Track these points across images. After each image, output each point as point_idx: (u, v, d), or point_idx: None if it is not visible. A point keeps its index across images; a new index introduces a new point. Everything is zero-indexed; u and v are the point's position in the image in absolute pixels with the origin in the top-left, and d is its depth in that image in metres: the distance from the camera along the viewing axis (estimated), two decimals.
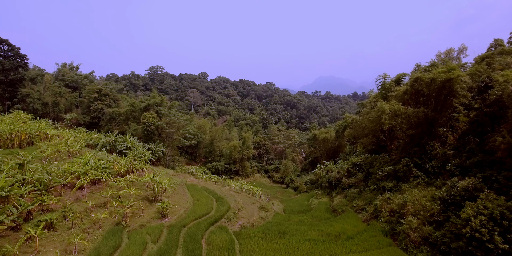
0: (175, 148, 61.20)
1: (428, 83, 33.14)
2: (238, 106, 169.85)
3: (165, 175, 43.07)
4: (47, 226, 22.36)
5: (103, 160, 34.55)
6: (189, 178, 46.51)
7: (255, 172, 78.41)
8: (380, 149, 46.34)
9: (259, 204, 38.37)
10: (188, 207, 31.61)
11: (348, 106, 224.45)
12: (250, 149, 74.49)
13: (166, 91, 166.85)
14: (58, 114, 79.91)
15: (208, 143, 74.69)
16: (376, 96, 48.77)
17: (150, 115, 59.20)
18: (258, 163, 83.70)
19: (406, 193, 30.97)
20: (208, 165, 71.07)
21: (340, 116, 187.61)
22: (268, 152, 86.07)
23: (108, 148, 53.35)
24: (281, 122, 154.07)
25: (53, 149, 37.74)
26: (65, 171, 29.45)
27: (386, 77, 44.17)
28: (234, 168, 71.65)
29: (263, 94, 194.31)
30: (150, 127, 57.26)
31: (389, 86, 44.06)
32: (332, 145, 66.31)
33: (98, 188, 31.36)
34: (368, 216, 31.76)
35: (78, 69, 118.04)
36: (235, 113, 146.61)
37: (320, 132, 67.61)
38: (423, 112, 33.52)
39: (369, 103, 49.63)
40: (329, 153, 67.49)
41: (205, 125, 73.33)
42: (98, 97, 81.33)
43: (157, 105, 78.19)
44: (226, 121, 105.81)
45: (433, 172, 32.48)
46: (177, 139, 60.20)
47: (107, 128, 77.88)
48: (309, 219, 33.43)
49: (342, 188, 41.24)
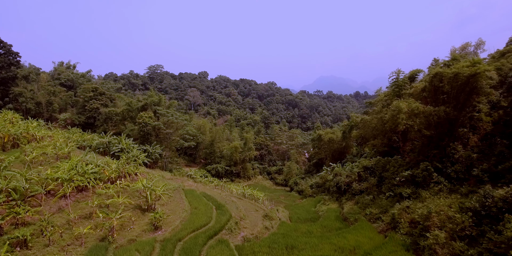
0: (173, 150, 58.11)
1: (450, 79, 29.93)
2: (239, 106, 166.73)
3: (161, 179, 40.01)
4: (19, 244, 19.27)
5: (91, 164, 31.45)
6: (187, 182, 43.42)
7: (257, 174, 75.32)
8: (393, 151, 43.16)
9: (263, 211, 35.28)
10: (185, 217, 28.51)
11: (350, 105, 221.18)
12: (252, 150, 71.38)
13: (165, 91, 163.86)
14: (52, 114, 76.89)
15: (208, 144, 71.61)
16: (388, 94, 45.56)
17: (147, 115, 56.13)
18: (260, 164, 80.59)
19: (427, 201, 27.84)
20: (208, 167, 67.97)
21: (343, 115, 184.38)
22: (270, 153, 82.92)
23: (101, 150, 50.36)
24: (283, 122, 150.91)
25: (39, 152, 34.72)
26: (48, 178, 26.38)
27: (399, 74, 40.94)
28: (235, 170, 68.55)
29: (265, 94, 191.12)
30: (147, 128, 54.18)
31: (402, 83, 40.84)
32: (338, 146, 63.13)
33: (85, 196, 28.28)
34: (385, 227, 28.60)
35: (75, 68, 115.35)
36: (236, 112, 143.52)
37: (325, 132, 64.42)
38: (444, 111, 30.33)
39: (380, 102, 46.43)
40: (335, 155, 64.32)
41: (205, 125, 70.25)
42: (94, 96, 78.30)
43: (155, 104, 75.13)
44: (226, 121, 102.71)
45: (457, 177, 29.30)
46: (175, 140, 57.10)
47: (103, 128, 74.86)
48: (319, 230, 30.29)
49: (353, 194, 38.06)
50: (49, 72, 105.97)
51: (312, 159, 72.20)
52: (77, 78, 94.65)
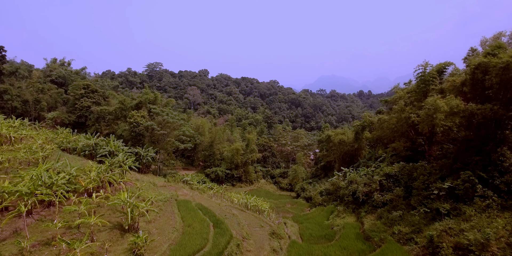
0: (169, 152, 52.79)
1: (499, 70, 24.52)
2: (241, 105, 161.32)
3: (152, 188, 34.82)
4: None
5: (63, 172, 26.21)
6: (182, 190, 38.17)
7: (259, 177, 70.04)
8: (417, 155, 37.77)
9: (269, 227, 30.01)
10: (175, 239, 23.26)
11: (354, 104, 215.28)
12: (254, 152, 66.12)
13: (164, 89, 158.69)
14: (40, 113, 71.82)
15: (207, 146, 66.34)
16: (411, 91, 40.18)
17: (139, 114, 50.93)
18: (263, 167, 75.29)
19: (474, 221, 22.50)
20: (207, 170, 62.74)
21: (348, 115, 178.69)
22: (274, 155, 77.57)
23: (87, 152, 45.19)
24: (286, 122, 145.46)
25: (6, 157, 29.55)
26: (3, 191, 21.16)
27: (427, 67, 35.50)
28: (236, 174, 63.28)
29: (267, 92, 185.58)
30: (138, 128, 48.92)
31: (430, 77, 35.41)
32: (349, 149, 57.73)
33: (53, 212, 23.06)
34: (420, 251, 23.26)
35: (70, 65, 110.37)
36: (237, 112, 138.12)
37: (335, 133, 59.01)
38: (491, 109, 24.93)
39: (401, 100, 41.04)
40: (345, 157, 58.96)
41: (204, 125, 64.97)
42: (85, 93, 73.11)
43: (150, 102, 69.95)
44: (227, 120, 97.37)
45: (508, 190, 23.99)
46: (170, 141, 51.73)
47: (94, 128, 69.74)
48: (338, 253, 24.98)
49: (373, 206, 32.70)
50: (42, 69, 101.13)
51: (320, 161, 66.86)
52: (69, 75, 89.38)
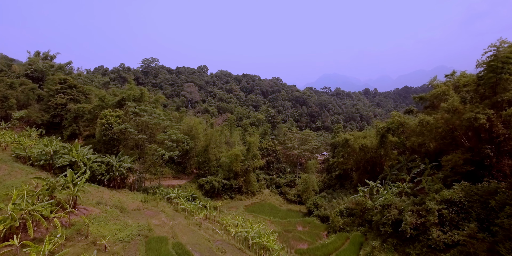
0: (152, 161, 42.78)
1: None
2: (242, 103, 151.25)
3: (116, 215, 25.01)
4: None
5: None
6: (159, 217, 28.31)
7: (263, 187, 60.17)
8: (479, 170, 27.74)
9: None
10: None
11: (361, 103, 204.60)
12: (257, 159, 56.18)
13: (160, 86, 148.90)
14: (8, 111, 62.21)
15: (202, 150, 56.37)
16: (469, 83, 30.07)
17: (113, 113, 41.01)
18: (267, 174, 65.37)
19: None
20: (201, 180, 52.87)
21: (356, 114, 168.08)
22: (279, 160, 67.57)
23: (43, 162, 35.35)
24: (290, 121, 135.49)
25: None
26: None
27: (502, 44, 25.28)
28: (235, 185, 53.38)
29: (269, 90, 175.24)
30: (111, 131, 39.03)
31: (503, 63, 25.25)
32: (371, 155, 47.74)
33: None
34: None
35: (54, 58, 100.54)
36: (237, 110, 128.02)
37: (354, 137, 48.90)
38: None
39: (452, 97, 30.92)
40: (367, 166, 49.00)
41: (197, 126, 54.99)
42: (61, 89, 63.25)
43: (135, 99, 60.20)
44: (226, 120, 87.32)
45: None
46: (152, 148, 41.65)
47: (71, 129, 59.94)
48: None
49: (431, 248, 22.69)
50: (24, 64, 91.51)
51: (334, 170, 56.83)
52: (48, 69, 79.28)
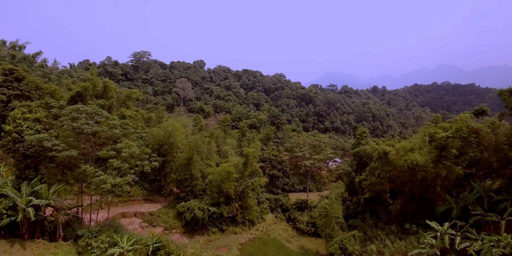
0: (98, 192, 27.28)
1: None
2: (241, 101, 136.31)
3: None
4: None
5: None
6: None
7: (265, 212, 45.34)
8: None
9: None
10: None
11: (371, 101, 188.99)
12: (258, 176, 41.31)
13: (151, 82, 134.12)
14: None
15: (183, 164, 41.52)
16: None
17: (29, 116, 26.16)
18: (271, 192, 50.54)
19: None
20: (180, 206, 38.15)
21: (367, 113, 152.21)
22: (286, 174, 52.70)
23: None
24: (296, 121, 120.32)
25: None
26: None
27: None
28: (227, 213, 38.51)
29: (272, 87, 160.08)
30: (23, 145, 24.18)
31: None
32: (422, 176, 32.81)
33: None
34: None
35: (23, 49, 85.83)
36: (236, 109, 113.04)
37: (397, 148, 33.70)
38: None
39: None
40: (414, 190, 34.08)
41: (176, 131, 40.14)
42: (4, 82, 48.80)
43: (97, 95, 45.50)
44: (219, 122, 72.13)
45: None
46: (90, 172, 26.30)
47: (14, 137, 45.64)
48: None
49: None
50: None
51: (363, 191, 41.78)
52: (1, 60, 64.30)
